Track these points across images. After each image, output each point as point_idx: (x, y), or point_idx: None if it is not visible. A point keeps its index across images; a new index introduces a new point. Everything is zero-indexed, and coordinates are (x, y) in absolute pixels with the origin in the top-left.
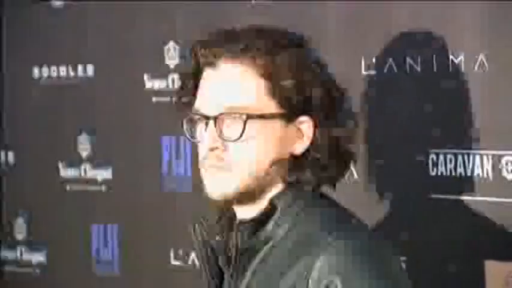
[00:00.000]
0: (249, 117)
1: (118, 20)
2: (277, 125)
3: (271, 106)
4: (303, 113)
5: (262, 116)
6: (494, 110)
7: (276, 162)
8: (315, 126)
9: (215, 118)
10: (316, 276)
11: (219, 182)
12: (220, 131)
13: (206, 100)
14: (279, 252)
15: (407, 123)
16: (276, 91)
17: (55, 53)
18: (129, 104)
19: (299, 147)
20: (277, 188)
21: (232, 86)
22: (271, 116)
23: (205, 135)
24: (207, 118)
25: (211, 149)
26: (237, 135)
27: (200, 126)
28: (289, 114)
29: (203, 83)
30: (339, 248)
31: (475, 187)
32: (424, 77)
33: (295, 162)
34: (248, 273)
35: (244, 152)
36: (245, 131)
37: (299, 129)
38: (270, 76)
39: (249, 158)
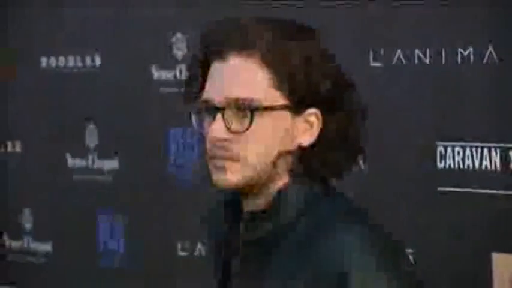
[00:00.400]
0: (257, 109)
1: (126, 10)
2: (285, 117)
3: (279, 98)
4: (312, 105)
5: (269, 108)
6: (502, 103)
7: (283, 154)
8: (323, 119)
9: (223, 110)
10: (327, 268)
11: (226, 173)
12: (228, 123)
13: (214, 92)
14: (286, 244)
15: (415, 115)
16: (284, 83)
17: (63, 44)
18: (136, 95)
19: (307, 139)
20: (284, 180)
21: (240, 78)
22: (279, 108)
23: (212, 126)
24: (215, 110)
25: (219, 141)
26: (244, 127)
27: (208, 118)
28: (297, 106)
29: (211, 75)
30: (350, 239)
31: (483, 180)
32: (433, 69)
33: (303, 154)
34: (255, 265)
35: (251, 144)
36: (252, 123)
37: (307, 121)
38: (278, 68)
39: (256, 150)
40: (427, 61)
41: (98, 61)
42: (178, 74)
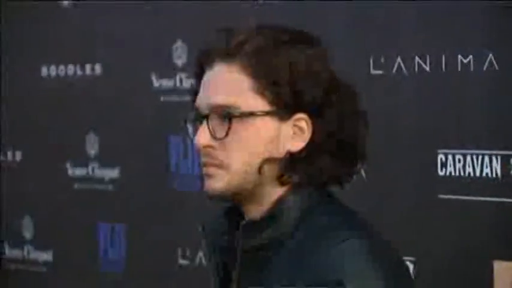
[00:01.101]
0: (235, 115)
1: (126, 19)
2: (270, 123)
3: (261, 104)
4: (301, 110)
5: (250, 114)
6: (503, 110)
7: (269, 161)
8: (314, 124)
9: (207, 117)
10: (325, 276)
11: (212, 180)
12: (212, 130)
13: (201, 99)
14: (285, 252)
15: (415, 123)
16: (267, 89)
17: (63, 52)
18: (136, 103)
19: (296, 145)
20: (282, 188)
21: (221, 85)
22: (261, 114)
23: (197, 134)
24: (202, 117)
25: (203, 148)
26: (224, 134)
27: (198, 125)
28: (283, 112)
29: (202, 83)
30: (347, 247)
31: (484, 187)
32: (433, 77)
33: (293, 160)
34: (254, 273)
35: (234, 151)
36: (231, 129)
37: (296, 126)
38: (260, 74)
39: (240, 157)
40: (428, 69)
41: (98, 70)
42: (178, 82)
